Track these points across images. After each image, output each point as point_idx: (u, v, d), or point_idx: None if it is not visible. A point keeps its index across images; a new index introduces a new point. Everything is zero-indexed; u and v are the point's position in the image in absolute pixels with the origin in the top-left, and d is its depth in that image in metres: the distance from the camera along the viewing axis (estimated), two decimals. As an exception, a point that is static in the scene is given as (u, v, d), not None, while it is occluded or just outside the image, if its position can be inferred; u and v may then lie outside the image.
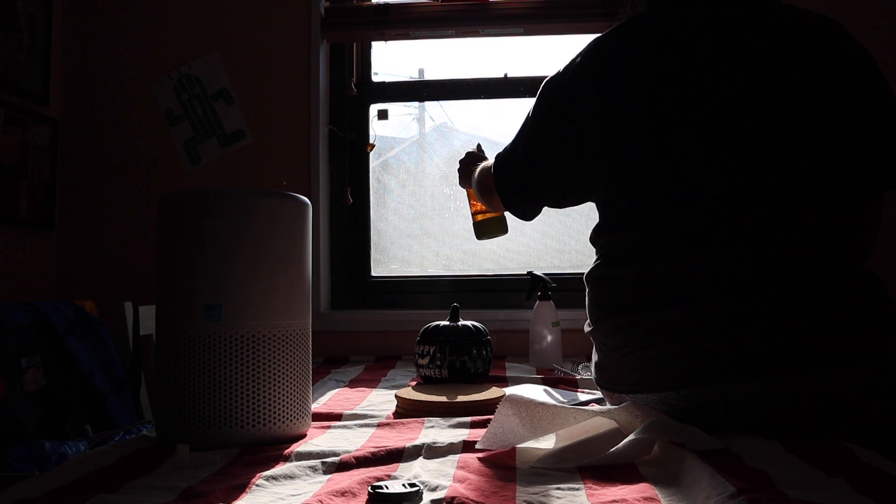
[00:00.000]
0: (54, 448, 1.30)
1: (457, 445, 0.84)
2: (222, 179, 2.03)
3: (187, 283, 0.91)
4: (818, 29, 0.96)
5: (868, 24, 1.86)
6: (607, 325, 1.00)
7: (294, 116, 2.04)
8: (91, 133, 2.09)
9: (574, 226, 2.09)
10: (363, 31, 2.07)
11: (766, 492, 0.61)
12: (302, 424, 0.95)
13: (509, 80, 2.15)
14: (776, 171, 0.91)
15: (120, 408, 1.58)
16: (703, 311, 0.89)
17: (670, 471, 0.72)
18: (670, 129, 0.95)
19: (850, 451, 0.74)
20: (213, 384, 0.88)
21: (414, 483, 0.67)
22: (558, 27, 2.03)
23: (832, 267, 0.90)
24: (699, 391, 0.88)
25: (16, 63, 1.89)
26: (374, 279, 2.14)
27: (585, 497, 0.66)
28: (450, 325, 1.39)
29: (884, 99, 0.93)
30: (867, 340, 0.86)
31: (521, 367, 1.62)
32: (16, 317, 1.47)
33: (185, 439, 0.86)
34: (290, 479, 0.74)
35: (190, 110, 2.06)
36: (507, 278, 2.06)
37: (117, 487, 0.71)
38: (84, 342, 1.58)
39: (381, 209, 2.17)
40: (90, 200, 2.08)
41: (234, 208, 0.91)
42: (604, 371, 1.03)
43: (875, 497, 0.60)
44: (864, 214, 0.95)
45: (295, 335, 0.94)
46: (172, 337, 0.91)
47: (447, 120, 2.28)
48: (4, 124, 1.83)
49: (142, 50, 2.08)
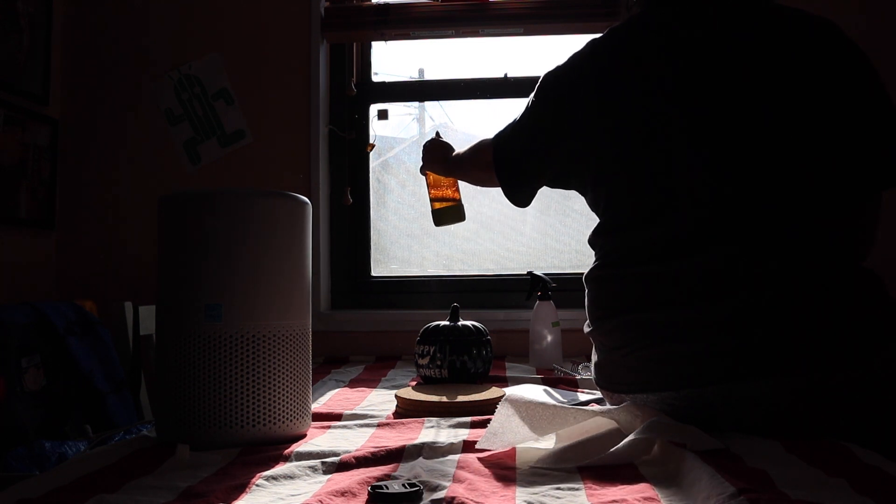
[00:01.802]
0: (54, 448, 1.30)
1: (457, 445, 0.84)
2: (222, 179, 2.03)
3: (187, 283, 0.91)
4: (812, 28, 0.96)
5: (865, 24, 1.86)
6: (607, 326, 1.00)
7: (294, 116, 2.04)
8: (91, 133, 2.09)
9: (574, 226, 2.09)
10: (363, 31, 2.07)
11: (766, 492, 0.61)
12: (302, 424, 0.95)
13: (509, 80, 2.15)
14: (774, 170, 0.91)
15: (120, 408, 1.58)
16: (702, 311, 0.89)
17: (670, 471, 0.72)
18: (667, 129, 0.95)
19: (850, 451, 0.74)
20: (213, 384, 0.88)
21: (414, 483, 0.67)
22: (558, 27, 2.03)
23: (832, 266, 0.90)
24: (699, 391, 0.88)
25: (16, 63, 1.89)
26: (374, 279, 2.14)
27: (585, 497, 0.66)
28: (450, 325, 1.39)
29: (878, 96, 0.93)
30: (867, 340, 0.86)
31: (521, 367, 1.62)
32: (16, 317, 1.47)
33: (185, 439, 0.86)
34: (290, 479, 0.74)
35: (190, 110, 2.06)
36: (507, 278, 2.06)
37: (117, 487, 0.71)
38: (84, 342, 1.58)
39: (381, 209, 2.17)
40: (90, 200, 2.08)
41: (235, 208, 0.91)
42: (603, 371, 1.03)
43: (875, 497, 0.60)
44: (863, 213, 0.95)
45: (295, 335, 0.94)
46: (172, 337, 0.91)
47: (447, 120, 2.28)
48: (4, 124, 1.83)
49: (142, 50, 2.08)
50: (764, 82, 0.93)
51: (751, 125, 0.93)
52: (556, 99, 1.06)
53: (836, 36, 0.96)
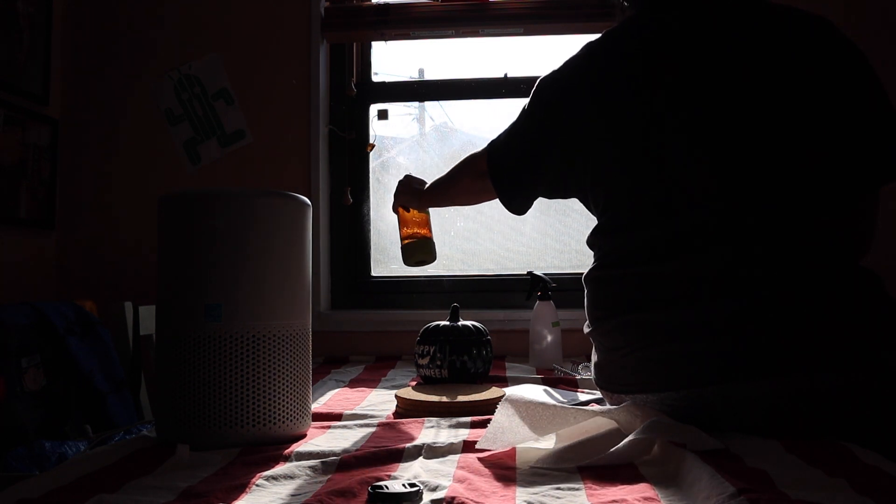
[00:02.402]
0: (54, 448, 1.30)
1: (457, 445, 0.84)
2: (222, 179, 2.03)
3: (187, 283, 0.91)
4: (808, 27, 0.96)
5: (862, 23, 1.86)
6: (606, 326, 1.00)
7: (294, 116, 2.04)
8: (91, 133, 2.09)
9: (574, 226, 2.09)
10: (363, 31, 2.07)
11: (766, 492, 0.61)
12: (302, 424, 0.95)
13: (509, 80, 2.15)
14: (772, 169, 0.91)
15: (120, 408, 1.58)
16: (702, 311, 0.89)
17: (670, 471, 0.72)
18: (665, 129, 0.95)
19: (850, 451, 0.74)
20: (213, 384, 0.88)
21: (414, 483, 0.67)
22: (558, 27, 2.03)
23: (831, 265, 0.90)
24: (699, 391, 0.88)
25: (16, 63, 1.89)
26: (374, 279, 2.14)
27: (585, 497, 0.66)
28: (450, 325, 1.39)
29: (875, 93, 0.93)
30: (867, 340, 0.86)
31: (521, 367, 1.62)
32: (16, 317, 1.47)
33: (185, 439, 0.86)
34: (290, 479, 0.74)
35: (190, 110, 2.06)
36: (507, 278, 2.06)
37: (117, 487, 0.71)
38: (84, 342, 1.58)
39: (381, 209, 2.17)
40: (90, 200, 2.08)
41: (234, 208, 0.91)
42: (603, 371, 1.03)
43: (875, 497, 0.60)
44: (861, 210, 0.95)
45: (295, 335, 0.94)
46: (172, 337, 0.91)
47: (447, 120, 2.28)
48: (4, 124, 1.83)
49: (142, 50, 2.08)
50: (760, 81, 0.93)
51: (748, 124, 0.93)
52: (552, 102, 1.06)
53: (832, 33, 0.96)
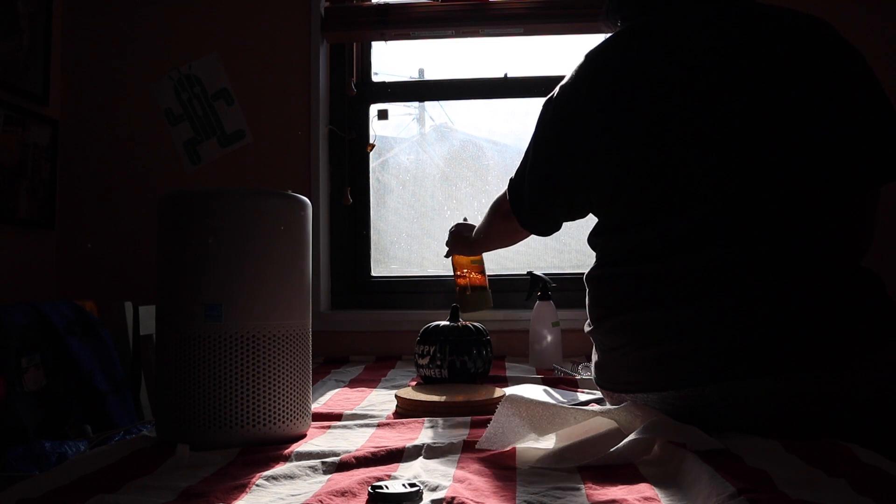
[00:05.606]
0: (54, 448, 1.30)
1: (457, 445, 0.84)
2: (222, 179, 2.03)
3: (187, 283, 0.91)
4: (806, 28, 0.96)
5: (860, 23, 1.86)
6: (607, 325, 1.00)
7: (294, 116, 2.04)
8: (91, 133, 2.09)
9: (574, 226, 2.06)
10: (363, 31, 2.07)
11: (766, 492, 0.61)
12: (302, 424, 0.95)
13: (509, 80, 2.15)
14: (772, 169, 0.92)
15: (120, 408, 1.58)
16: (702, 310, 0.89)
17: (670, 471, 0.72)
18: (665, 129, 0.96)
19: (850, 451, 0.74)
20: (213, 384, 0.88)
21: (414, 483, 0.67)
22: (558, 27, 2.03)
23: (831, 265, 0.90)
24: (699, 390, 0.88)
25: (16, 63, 1.89)
26: (374, 279, 2.14)
27: (585, 497, 0.66)
28: (450, 325, 1.39)
29: (874, 92, 0.93)
30: (867, 340, 0.86)
31: (521, 367, 1.62)
32: (16, 317, 1.48)
33: (185, 439, 0.86)
34: (290, 479, 0.74)
35: (190, 110, 2.06)
36: (507, 278, 2.06)
37: (117, 487, 0.71)
38: (84, 342, 1.58)
39: (381, 209, 2.17)
40: (90, 200, 2.08)
41: (234, 208, 0.91)
42: (604, 371, 1.03)
43: (875, 497, 0.60)
44: (861, 210, 0.95)
45: (295, 335, 0.94)
46: (172, 337, 0.90)
47: (447, 120, 2.28)
48: (4, 124, 1.83)
49: (142, 50, 2.08)
50: (760, 82, 0.94)
51: (748, 124, 0.93)
52: (560, 120, 1.06)
53: (831, 34, 0.96)
